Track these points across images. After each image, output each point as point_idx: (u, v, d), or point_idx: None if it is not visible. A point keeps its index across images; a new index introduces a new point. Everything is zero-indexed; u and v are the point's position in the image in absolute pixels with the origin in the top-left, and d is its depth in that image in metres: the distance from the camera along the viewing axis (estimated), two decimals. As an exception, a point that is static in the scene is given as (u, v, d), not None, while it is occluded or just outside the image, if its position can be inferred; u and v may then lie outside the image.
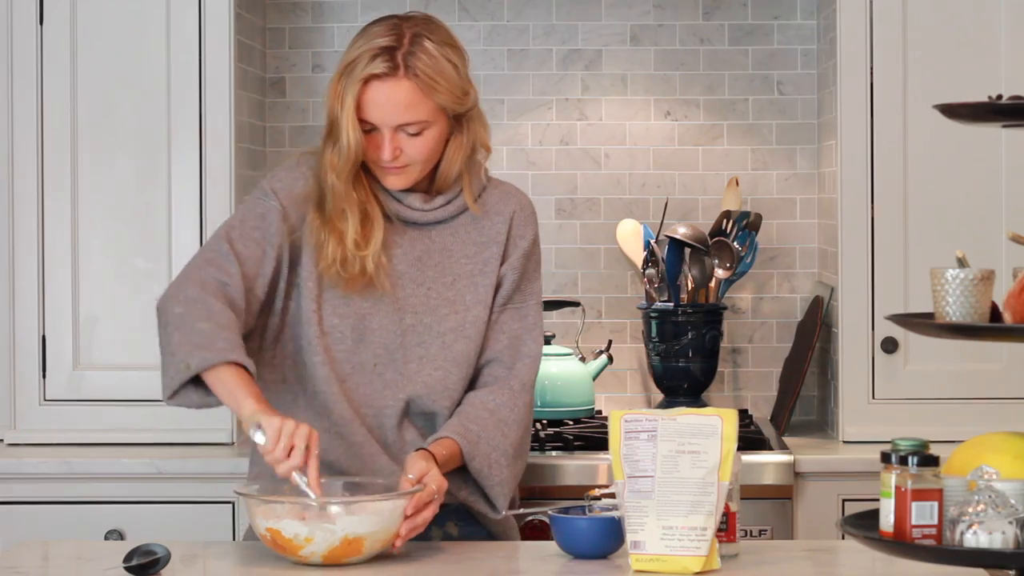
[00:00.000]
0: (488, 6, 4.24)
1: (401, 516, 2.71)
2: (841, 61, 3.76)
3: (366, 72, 2.89)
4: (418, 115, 2.92)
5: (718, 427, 2.65)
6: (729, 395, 4.25)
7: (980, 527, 2.33)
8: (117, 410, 3.78)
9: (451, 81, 2.94)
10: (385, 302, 2.98)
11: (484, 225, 3.04)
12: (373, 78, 2.90)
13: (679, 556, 2.62)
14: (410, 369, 2.99)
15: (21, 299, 3.78)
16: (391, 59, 2.90)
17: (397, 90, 2.91)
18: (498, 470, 2.95)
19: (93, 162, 3.78)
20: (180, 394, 2.85)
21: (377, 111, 2.91)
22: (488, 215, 3.05)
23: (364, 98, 2.91)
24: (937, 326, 2.46)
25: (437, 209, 3.02)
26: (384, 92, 2.90)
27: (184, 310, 2.85)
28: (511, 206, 3.07)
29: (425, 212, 3.01)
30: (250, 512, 2.72)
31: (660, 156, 4.25)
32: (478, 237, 3.04)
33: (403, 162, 2.95)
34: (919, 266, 3.71)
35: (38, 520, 3.61)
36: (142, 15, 3.77)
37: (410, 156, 2.95)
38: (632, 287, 4.24)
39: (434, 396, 2.99)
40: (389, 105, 2.91)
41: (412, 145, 2.94)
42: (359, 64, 2.90)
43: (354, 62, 2.91)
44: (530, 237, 3.08)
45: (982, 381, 3.74)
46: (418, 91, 2.91)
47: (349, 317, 2.97)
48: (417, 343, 2.99)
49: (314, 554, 2.67)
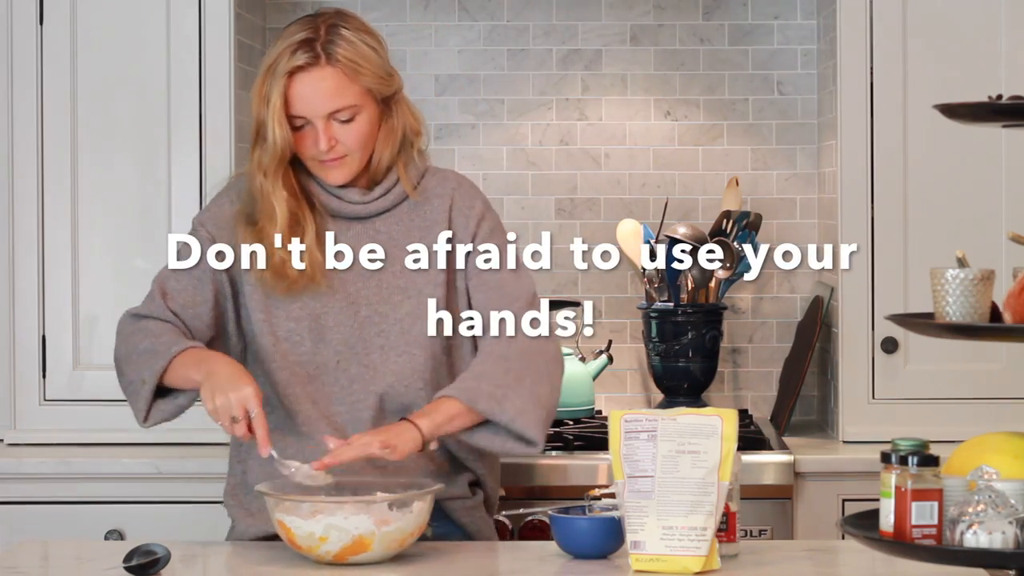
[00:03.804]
0: (488, 6, 4.24)
1: (414, 516, 2.72)
2: (841, 61, 3.76)
3: (289, 65, 2.93)
4: (346, 100, 2.95)
5: (718, 427, 2.65)
6: (729, 395, 4.25)
7: (980, 527, 2.33)
8: (117, 410, 3.76)
9: (373, 63, 2.97)
10: (337, 298, 2.99)
11: (426, 210, 3.05)
12: (297, 70, 2.93)
13: (679, 556, 2.62)
14: (373, 360, 2.99)
15: (21, 299, 3.78)
16: (311, 49, 2.94)
17: (322, 78, 2.93)
18: (512, 402, 2.88)
19: (93, 162, 3.78)
20: (152, 412, 2.92)
21: (305, 102, 2.94)
22: (428, 200, 3.05)
23: (291, 93, 2.94)
24: (937, 326, 2.46)
25: (376, 200, 3.03)
26: (310, 82, 2.93)
27: (125, 348, 2.95)
28: (449, 186, 3.08)
29: (365, 204, 3.03)
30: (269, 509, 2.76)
31: (660, 156, 4.25)
32: (421, 222, 3.04)
33: (340, 152, 2.97)
34: (919, 266, 3.71)
35: (38, 520, 3.61)
36: (142, 15, 3.77)
37: (347, 145, 2.97)
38: (632, 287, 4.24)
39: (405, 382, 2.98)
40: (316, 94, 2.93)
41: (346, 133, 2.96)
42: (280, 61, 2.94)
43: (275, 61, 2.94)
44: (478, 207, 3.06)
45: (982, 381, 3.74)
46: (343, 76, 2.94)
47: (304, 319, 2.99)
48: (376, 333, 2.99)
49: (329, 552, 2.69)
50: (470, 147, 4.24)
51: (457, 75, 4.25)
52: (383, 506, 2.69)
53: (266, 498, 2.75)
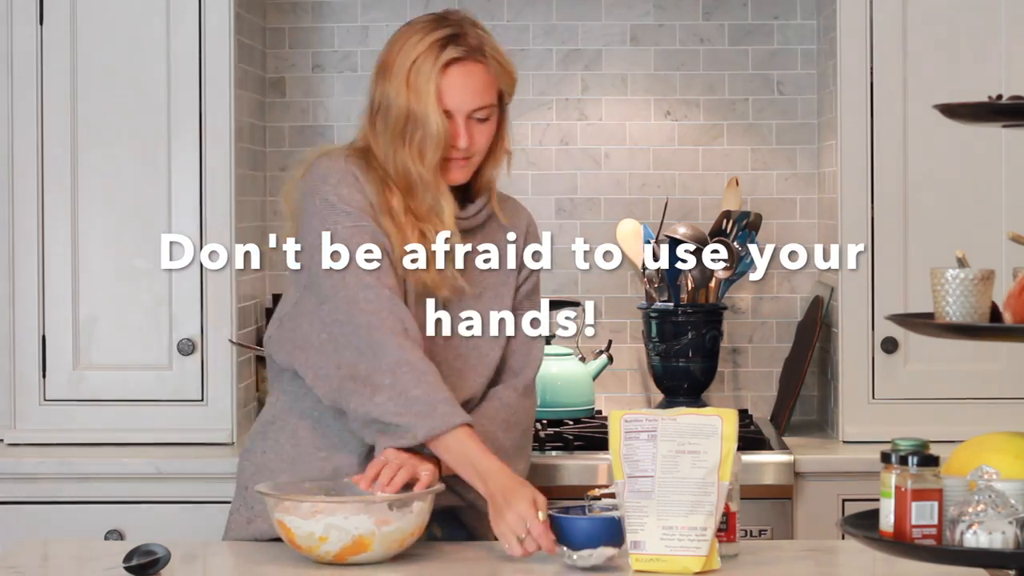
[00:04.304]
0: (488, 6, 4.24)
1: (414, 516, 2.72)
2: (841, 61, 3.76)
3: (445, 58, 2.91)
4: (490, 98, 2.96)
5: (718, 427, 2.65)
6: (729, 395, 4.25)
7: (980, 527, 2.33)
8: (117, 410, 3.78)
9: (508, 63, 2.99)
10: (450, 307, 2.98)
11: (505, 236, 3.06)
12: (453, 62, 2.92)
13: (679, 556, 2.62)
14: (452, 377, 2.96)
15: (21, 299, 3.78)
16: (462, 43, 2.93)
17: (475, 72, 2.93)
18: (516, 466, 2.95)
19: (93, 162, 3.78)
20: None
21: (456, 96, 2.92)
22: (509, 226, 3.07)
23: (444, 84, 2.91)
24: (937, 326, 2.46)
25: (472, 216, 3.03)
26: (463, 76, 2.92)
27: (392, 380, 2.81)
28: (524, 218, 3.11)
29: (467, 220, 3.02)
30: (268, 509, 2.76)
31: (660, 156, 4.25)
32: (501, 246, 3.05)
33: (470, 152, 2.97)
34: (919, 266, 3.71)
35: (38, 520, 3.61)
36: (142, 15, 3.77)
37: (478, 145, 2.97)
38: (632, 287, 4.24)
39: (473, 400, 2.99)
40: (468, 88, 2.93)
41: (480, 132, 2.96)
42: (431, 54, 2.91)
43: (423, 55, 2.91)
44: (537, 248, 3.09)
45: (982, 381, 3.74)
46: (490, 73, 2.95)
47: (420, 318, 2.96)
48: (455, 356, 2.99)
49: (328, 552, 2.69)
50: (470, 147, 4.24)
51: (457, 75, 4.24)
52: (383, 506, 2.69)
53: (266, 498, 2.75)
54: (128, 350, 3.77)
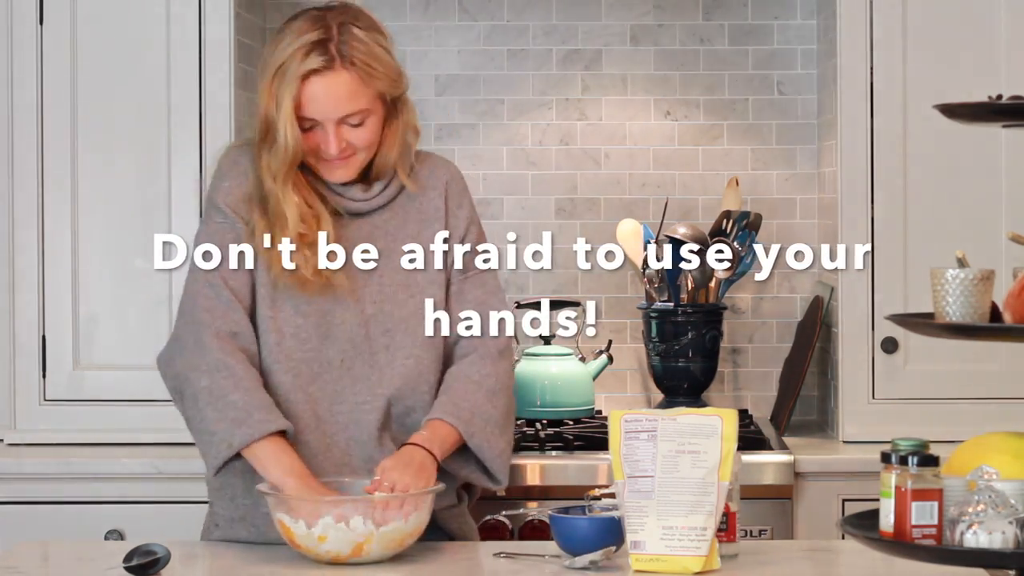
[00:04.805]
0: (488, 6, 4.24)
1: (413, 517, 2.72)
2: (841, 61, 3.76)
3: (303, 68, 2.88)
4: (359, 104, 2.91)
5: (718, 427, 2.65)
6: (729, 395, 4.25)
7: (980, 527, 2.33)
8: (117, 410, 3.78)
9: (386, 65, 2.94)
10: (344, 295, 2.96)
11: (421, 202, 3.04)
12: (312, 73, 2.88)
13: (679, 556, 2.62)
14: (379, 360, 2.97)
15: (21, 299, 3.78)
16: (325, 52, 2.89)
17: (337, 82, 2.89)
18: (495, 442, 2.96)
19: (93, 162, 3.78)
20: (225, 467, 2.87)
21: (319, 106, 2.90)
22: (423, 190, 3.04)
23: (304, 95, 2.89)
24: (937, 326, 2.46)
25: (377, 195, 3.01)
26: (324, 86, 2.89)
27: (210, 382, 2.86)
28: (442, 177, 3.08)
29: (367, 200, 3.01)
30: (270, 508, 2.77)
31: (660, 156, 4.25)
32: (418, 215, 3.03)
33: (347, 152, 2.94)
34: (919, 266, 3.71)
35: (38, 520, 3.61)
36: (142, 15, 3.77)
37: (355, 146, 2.94)
38: (632, 287, 4.24)
39: (412, 385, 2.98)
40: (330, 98, 2.89)
41: (356, 135, 2.93)
42: (292, 62, 2.88)
43: (287, 62, 2.89)
44: (468, 204, 3.09)
45: (982, 381, 3.74)
46: (357, 80, 2.90)
47: (312, 315, 2.96)
48: (381, 332, 2.98)
49: (328, 553, 2.69)
50: (470, 147, 4.24)
51: (457, 75, 4.25)
52: (382, 506, 2.69)
53: (267, 498, 2.76)
54: (128, 350, 3.77)
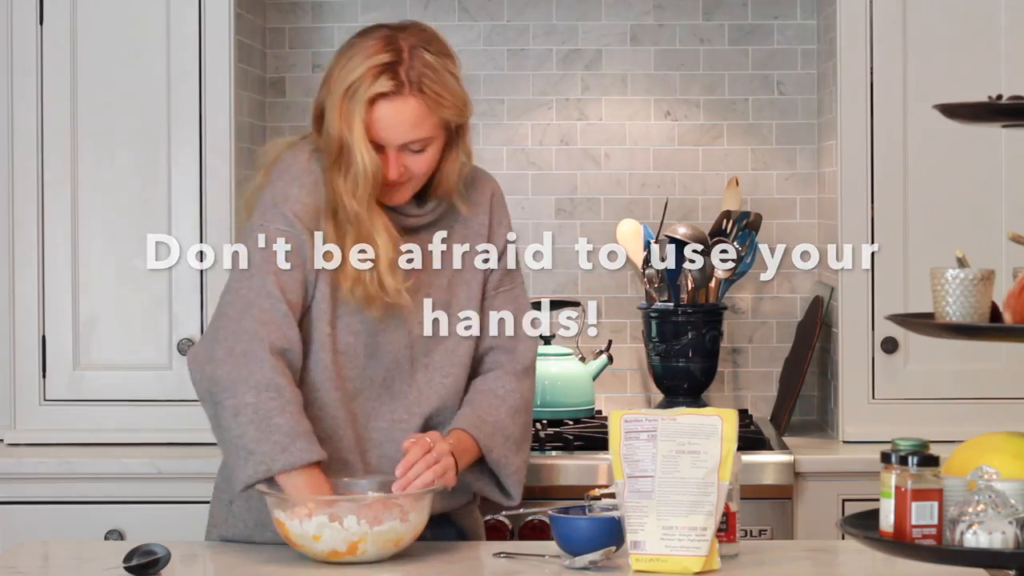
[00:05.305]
0: (488, 6, 4.24)
1: (411, 521, 2.72)
2: (841, 61, 3.76)
3: (372, 91, 2.83)
4: (424, 132, 2.87)
5: (718, 427, 2.65)
6: (729, 395, 4.25)
7: (980, 527, 2.33)
8: (117, 410, 3.78)
9: (455, 94, 2.90)
10: (394, 314, 2.93)
11: (468, 219, 3.02)
12: (380, 97, 2.84)
13: (679, 556, 2.62)
14: (418, 379, 2.96)
15: (21, 299, 3.78)
16: (395, 76, 2.85)
17: (403, 108, 2.86)
18: (513, 458, 2.97)
19: (93, 162, 3.78)
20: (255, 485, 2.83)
21: (385, 131, 2.86)
22: (472, 209, 3.03)
23: (371, 118, 2.84)
24: (937, 326, 2.46)
25: (429, 213, 2.99)
26: (391, 111, 2.85)
27: (257, 400, 2.79)
28: (486, 192, 3.06)
29: (420, 217, 2.98)
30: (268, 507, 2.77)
31: (660, 156, 4.25)
32: (464, 232, 3.02)
33: (406, 178, 2.91)
34: (919, 266, 3.71)
35: (38, 520, 3.61)
36: (142, 15, 3.77)
37: (412, 172, 2.91)
38: (632, 287, 4.24)
39: (448, 405, 2.97)
40: (396, 124, 2.86)
41: (415, 162, 2.90)
42: (362, 84, 2.84)
43: (356, 83, 2.84)
44: (507, 221, 3.09)
45: (982, 381, 3.74)
46: (424, 108, 2.86)
47: (362, 334, 2.93)
48: (423, 352, 2.97)
49: (323, 552, 2.70)
50: (470, 147, 4.24)
51: (457, 75, 4.24)
52: (375, 506, 2.69)
53: (265, 497, 2.76)
54: (128, 350, 3.77)
